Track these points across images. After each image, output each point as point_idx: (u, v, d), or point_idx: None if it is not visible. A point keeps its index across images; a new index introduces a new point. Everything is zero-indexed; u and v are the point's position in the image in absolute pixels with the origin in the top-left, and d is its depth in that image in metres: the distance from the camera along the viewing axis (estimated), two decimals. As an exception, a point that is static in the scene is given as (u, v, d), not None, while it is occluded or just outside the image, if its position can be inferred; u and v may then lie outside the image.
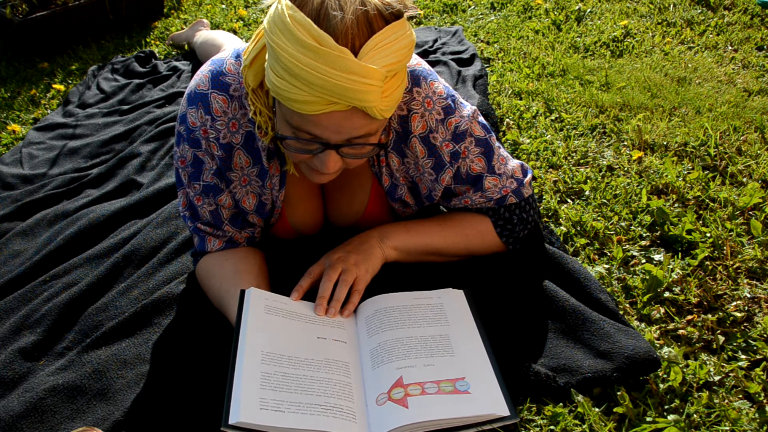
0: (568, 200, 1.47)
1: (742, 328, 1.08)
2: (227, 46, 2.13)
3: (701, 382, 0.98)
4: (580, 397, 0.95)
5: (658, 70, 2.05)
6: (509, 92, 2.00)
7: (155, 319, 1.19)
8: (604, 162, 1.59)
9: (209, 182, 1.13)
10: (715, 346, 1.05)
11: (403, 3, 0.88)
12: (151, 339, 1.14)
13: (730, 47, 2.18)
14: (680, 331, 1.08)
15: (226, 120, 1.08)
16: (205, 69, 1.09)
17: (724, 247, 1.25)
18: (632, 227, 1.34)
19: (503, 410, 0.90)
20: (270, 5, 0.89)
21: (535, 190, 1.50)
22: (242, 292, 1.06)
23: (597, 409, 0.94)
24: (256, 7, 3.16)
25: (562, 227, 1.36)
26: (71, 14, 2.77)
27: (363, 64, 0.83)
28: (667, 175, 1.49)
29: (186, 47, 2.71)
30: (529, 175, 1.20)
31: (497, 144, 1.17)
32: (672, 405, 0.94)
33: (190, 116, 1.09)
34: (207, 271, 1.18)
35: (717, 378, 0.99)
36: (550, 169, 1.59)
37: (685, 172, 1.51)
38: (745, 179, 1.47)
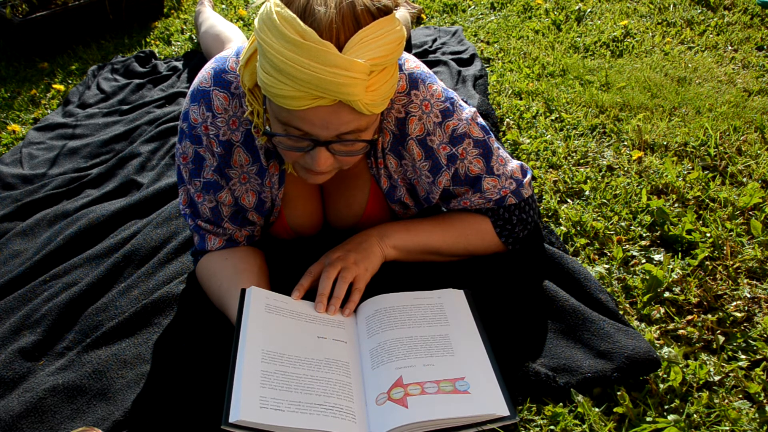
0: (568, 200, 1.47)
1: (742, 328, 1.08)
2: (233, 44, 2.13)
3: (701, 382, 0.98)
4: (580, 397, 0.95)
5: (658, 70, 2.05)
6: (509, 92, 2.00)
7: (155, 319, 1.19)
8: (604, 162, 1.59)
9: (209, 179, 1.13)
10: (715, 346, 1.05)
11: (394, 0, 0.88)
12: (151, 339, 1.15)
13: (730, 47, 2.18)
14: (680, 331, 1.08)
15: (226, 117, 1.08)
16: (208, 66, 1.10)
17: (724, 247, 1.25)
18: (632, 227, 1.34)
19: (503, 410, 0.90)
20: (261, 5, 0.90)
21: (535, 190, 1.50)
22: (243, 291, 1.06)
23: (597, 409, 0.94)
24: (256, 7, 3.16)
25: (562, 227, 1.36)
26: (71, 14, 2.77)
27: (346, 57, 0.83)
28: (667, 175, 1.49)
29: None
30: (529, 176, 1.20)
31: (496, 145, 1.16)
32: (672, 405, 0.94)
33: (192, 113, 1.09)
34: (207, 270, 1.18)
35: (717, 378, 0.99)
36: (550, 169, 1.59)
37: (685, 172, 1.51)
38: (745, 179, 1.47)
